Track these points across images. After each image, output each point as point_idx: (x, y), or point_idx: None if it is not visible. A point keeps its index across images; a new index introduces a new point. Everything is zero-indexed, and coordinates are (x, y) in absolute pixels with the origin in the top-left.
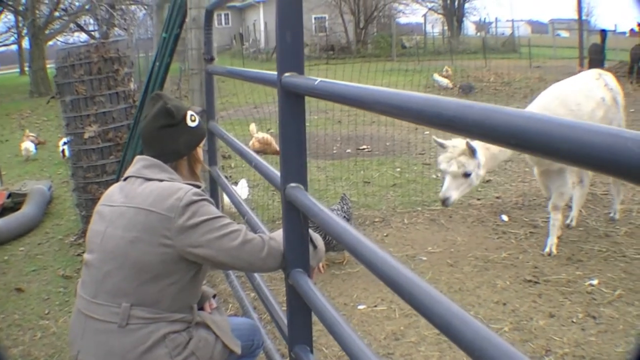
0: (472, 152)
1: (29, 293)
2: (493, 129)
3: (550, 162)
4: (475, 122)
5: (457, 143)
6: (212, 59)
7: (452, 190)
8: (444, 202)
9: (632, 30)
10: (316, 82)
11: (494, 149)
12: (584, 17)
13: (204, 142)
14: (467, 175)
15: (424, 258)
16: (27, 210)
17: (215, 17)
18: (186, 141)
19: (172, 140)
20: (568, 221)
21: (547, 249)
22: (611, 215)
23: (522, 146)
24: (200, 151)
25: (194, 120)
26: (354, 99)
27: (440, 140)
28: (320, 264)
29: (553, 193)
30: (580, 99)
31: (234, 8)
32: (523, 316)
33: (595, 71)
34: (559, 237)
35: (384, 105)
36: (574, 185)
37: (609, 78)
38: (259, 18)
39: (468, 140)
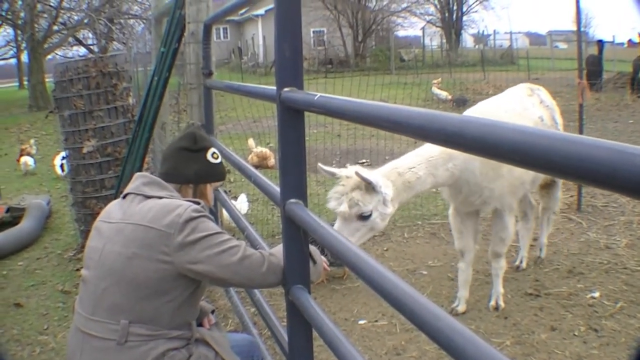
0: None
1: (27, 308)
2: (495, 145)
3: (476, 201)
4: (476, 138)
5: (352, 173)
6: (210, 74)
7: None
8: None
9: (630, 40)
10: (316, 97)
11: (410, 175)
12: (582, 29)
13: (219, 184)
14: (364, 217)
15: (425, 272)
16: (25, 224)
17: (213, 31)
18: (198, 171)
19: (185, 164)
20: (517, 262)
21: (493, 302)
22: (538, 255)
23: (526, 162)
24: (210, 190)
25: (215, 158)
26: (354, 115)
27: (328, 168)
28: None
29: (492, 239)
30: (514, 120)
31: (233, 22)
32: (524, 330)
33: (527, 86)
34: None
35: (384, 121)
36: (516, 222)
37: (543, 93)
38: (257, 32)
39: (357, 170)
